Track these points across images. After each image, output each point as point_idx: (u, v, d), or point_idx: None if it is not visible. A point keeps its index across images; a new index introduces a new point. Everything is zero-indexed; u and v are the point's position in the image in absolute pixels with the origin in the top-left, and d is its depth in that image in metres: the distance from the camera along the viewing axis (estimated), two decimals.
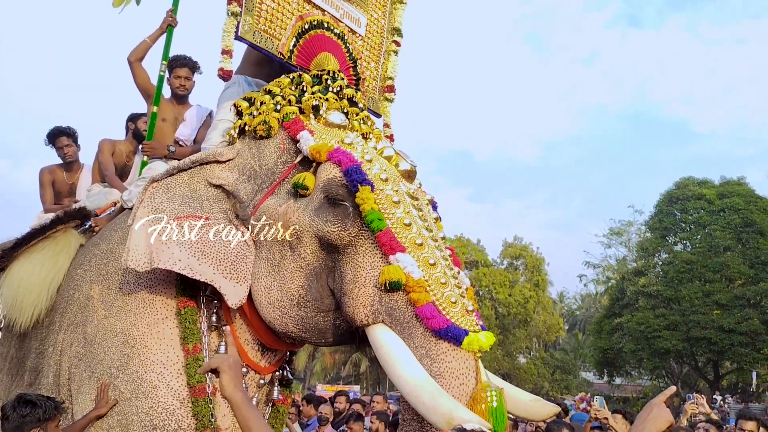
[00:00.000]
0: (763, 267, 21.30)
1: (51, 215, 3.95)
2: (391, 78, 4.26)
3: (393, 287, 2.73)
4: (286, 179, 3.20)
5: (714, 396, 16.77)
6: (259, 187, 3.25)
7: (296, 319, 3.05)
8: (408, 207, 2.99)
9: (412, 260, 2.78)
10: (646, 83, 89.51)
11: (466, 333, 2.66)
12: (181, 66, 4.25)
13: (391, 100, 4.28)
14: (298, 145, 3.20)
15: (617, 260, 29.61)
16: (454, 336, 2.64)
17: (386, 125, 4.22)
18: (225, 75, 3.56)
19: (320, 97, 3.35)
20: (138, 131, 4.62)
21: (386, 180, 2.99)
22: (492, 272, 28.79)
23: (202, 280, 3.00)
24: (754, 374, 21.28)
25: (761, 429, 4.66)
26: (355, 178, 2.92)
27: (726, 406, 15.12)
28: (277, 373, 3.52)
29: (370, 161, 3.06)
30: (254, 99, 3.40)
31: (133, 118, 4.75)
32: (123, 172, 4.50)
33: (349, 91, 3.50)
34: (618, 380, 27.82)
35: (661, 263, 24.10)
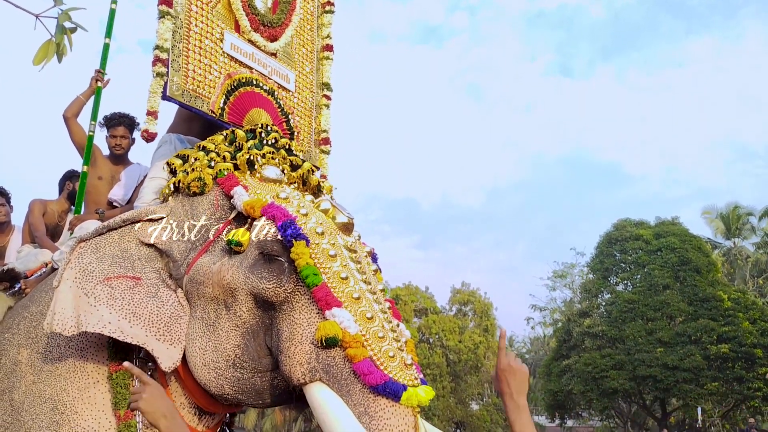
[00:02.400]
0: (701, 303, 21.92)
1: None
2: (325, 131, 4.30)
3: (329, 343, 2.68)
4: (221, 236, 3.14)
5: None
6: (193, 245, 3.18)
7: (232, 380, 2.95)
8: (345, 260, 2.95)
9: (349, 315, 2.73)
10: (581, 130, 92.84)
11: (405, 388, 2.61)
12: (117, 125, 4.21)
13: (327, 152, 4.31)
14: (232, 201, 3.15)
15: (564, 302, 30.08)
16: (392, 392, 2.59)
17: (323, 177, 4.24)
18: (149, 137, 3.49)
19: (255, 153, 3.33)
20: (74, 191, 4.54)
21: (322, 234, 2.96)
22: (441, 319, 28.83)
23: (134, 343, 2.89)
24: (699, 410, 21.67)
25: None
26: (289, 232, 2.88)
27: None
28: None
29: (305, 215, 3.03)
30: (188, 156, 3.36)
31: (71, 177, 4.63)
32: (55, 233, 4.39)
33: (283, 141, 3.51)
34: (569, 422, 27.91)
35: (604, 303, 24.54)
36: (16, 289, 3.76)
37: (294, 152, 3.52)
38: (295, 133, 3.96)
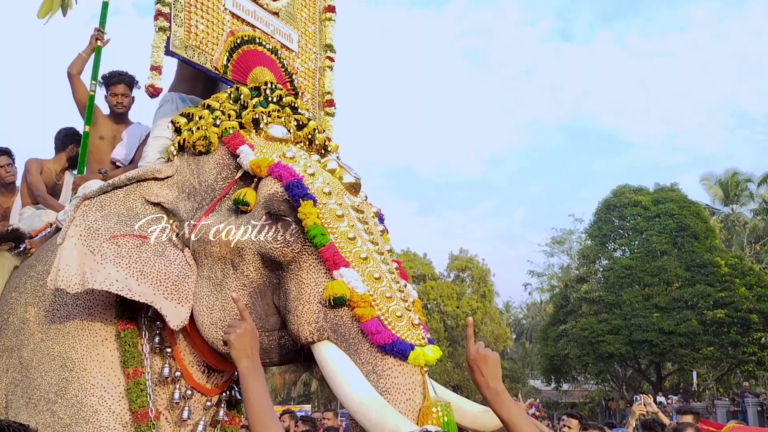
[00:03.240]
0: (699, 269, 22.07)
1: None
2: (329, 93, 4.22)
3: (337, 303, 2.67)
4: (227, 196, 3.11)
5: (657, 397, 17.19)
6: (199, 205, 3.16)
7: None
8: (352, 220, 2.92)
9: (357, 275, 2.72)
10: (581, 96, 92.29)
11: (412, 347, 2.60)
12: (117, 83, 4.12)
13: (332, 115, 4.22)
14: (238, 160, 3.11)
15: (561, 268, 30.26)
16: (399, 351, 2.58)
17: (328, 139, 4.19)
18: (154, 92, 3.43)
19: (261, 111, 3.28)
20: (76, 154, 4.48)
21: (329, 194, 2.92)
22: (439, 285, 28.97)
23: (141, 301, 2.89)
24: (694, 374, 21.97)
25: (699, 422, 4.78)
26: (296, 192, 2.85)
27: (670, 406, 15.52)
28: (224, 394, 3.42)
29: (312, 175, 2.98)
30: (192, 114, 3.31)
31: (73, 138, 4.58)
32: (53, 192, 4.31)
33: (288, 99, 3.44)
34: (565, 386, 28.30)
35: (601, 269, 24.69)
36: (21, 249, 3.74)
37: (299, 110, 3.47)
38: (299, 94, 3.88)
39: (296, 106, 3.46)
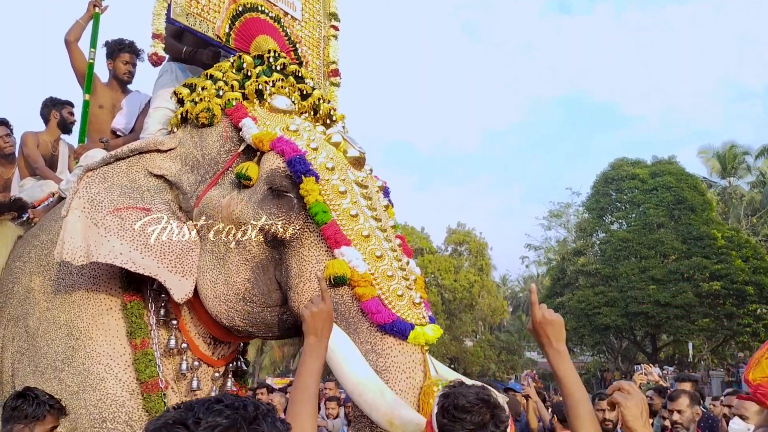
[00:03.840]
0: (695, 242, 22.16)
1: None
2: (334, 63, 4.13)
3: (338, 282, 2.65)
4: (230, 169, 3.07)
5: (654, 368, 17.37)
6: (202, 178, 3.13)
7: (243, 313, 2.96)
8: (355, 196, 2.89)
9: (358, 253, 2.70)
10: (579, 70, 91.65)
11: (412, 327, 2.59)
12: (126, 51, 4.08)
13: (337, 85, 4.13)
14: (240, 133, 3.07)
15: (558, 242, 30.36)
16: (399, 330, 2.58)
17: (333, 110, 4.12)
18: (158, 60, 3.38)
19: (264, 81, 3.22)
20: (64, 121, 4.44)
21: (332, 169, 2.88)
22: (437, 259, 29.04)
23: (146, 274, 2.89)
24: (690, 345, 22.18)
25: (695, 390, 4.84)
26: (298, 168, 2.81)
27: (666, 376, 15.70)
28: (231, 365, 3.42)
29: (315, 149, 2.94)
30: (195, 85, 3.24)
31: (54, 105, 4.50)
32: (50, 163, 4.32)
33: (292, 68, 3.38)
34: None
35: (598, 242, 24.77)
36: (24, 218, 3.74)
37: (304, 79, 3.40)
38: (303, 64, 3.79)
39: (301, 74, 3.40)
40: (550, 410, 5.57)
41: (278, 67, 3.33)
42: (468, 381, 1.98)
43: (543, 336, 1.96)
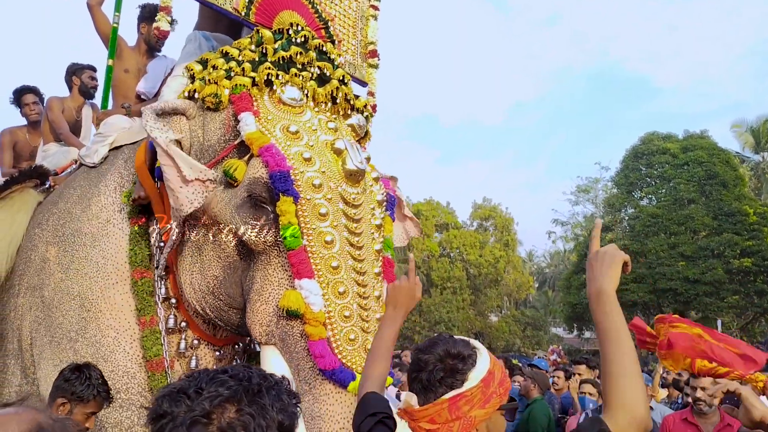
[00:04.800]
0: (726, 218, 21.73)
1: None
2: (372, 43, 3.92)
3: (290, 315, 2.59)
4: (224, 159, 2.95)
5: None
6: (199, 160, 3.01)
7: (212, 306, 2.95)
8: (337, 219, 2.76)
9: (318, 288, 2.61)
10: (608, 42, 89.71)
11: (353, 377, 2.51)
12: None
13: (375, 66, 3.92)
14: (238, 126, 2.94)
15: (585, 217, 30.02)
16: (339, 380, 2.51)
17: (371, 93, 3.89)
18: (160, 35, 3.29)
19: (273, 71, 3.00)
20: (84, 87, 4.43)
21: (319, 186, 2.74)
22: (462, 234, 28.97)
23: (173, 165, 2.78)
24: (719, 322, 21.83)
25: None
26: (278, 187, 2.69)
27: None
28: (238, 345, 3.37)
29: (308, 160, 2.78)
30: (208, 62, 3.12)
31: (75, 71, 4.50)
32: (74, 129, 4.32)
33: (315, 42, 3.17)
34: (587, 334, 28.38)
35: (627, 218, 24.44)
36: (47, 186, 3.75)
37: (328, 55, 3.19)
38: (336, 42, 3.59)
39: (325, 50, 3.19)
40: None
41: (299, 40, 3.14)
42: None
43: (589, 271, 1.66)
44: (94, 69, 4.47)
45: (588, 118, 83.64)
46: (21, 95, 4.57)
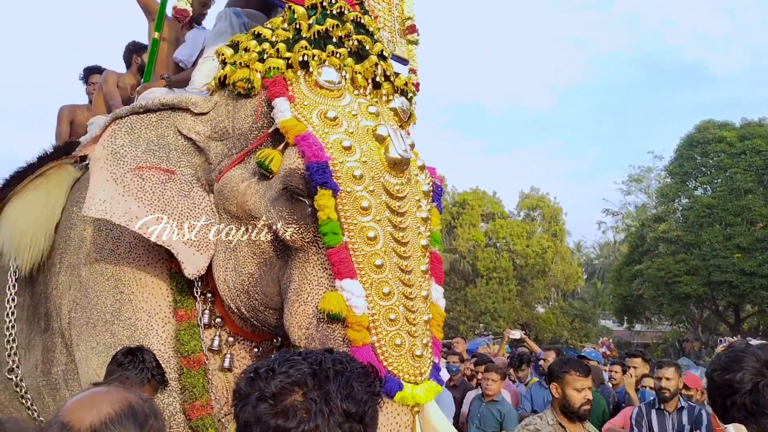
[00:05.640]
0: None
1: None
2: (410, 18, 3.75)
3: (331, 319, 2.40)
4: (257, 149, 2.77)
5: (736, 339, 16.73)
6: (229, 151, 2.88)
7: (247, 306, 2.80)
8: (380, 213, 2.56)
9: (360, 290, 2.42)
10: (662, 27, 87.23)
11: (400, 387, 2.33)
12: None
13: (415, 42, 3.70)
14: (272, 113, 2.74)
15: (636, 207, 29.40)
16: (385, 390, 2.31)
17: (413, 71, 3.66)
18: (178, 14, 3.12)
19: (309, 52, 2.81)
20: (143, 65, 4.33)
21: (360, 178, 2.54)
22: (509, 224, 28.69)
23: (158, 243, 2.75)
24: None
25: None
26: (315, 179, 2.49)
27: None
28: (276, 340, 3.18)
29: (348, 149, 2.58)
30: (239, 45, 2.93)
31: (136, 49, 4.49)
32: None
33: (352, 14, 2.96)
34: (638, 327, 27.87)
35: (681, 208, 23.84)
36: (86, 163, 3.57)
37: (366, 28, 2.99)
38: (373, 18, 3.39)
39: (363, 22, 3.00)
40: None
41: (334, 12, 2.93)
42: None
43: None
44: (138, 44, 4.46)
45: (639, 105, 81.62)
46: (90, 73, 4.61)
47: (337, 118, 2.68)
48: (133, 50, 4.51)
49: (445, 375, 6.17)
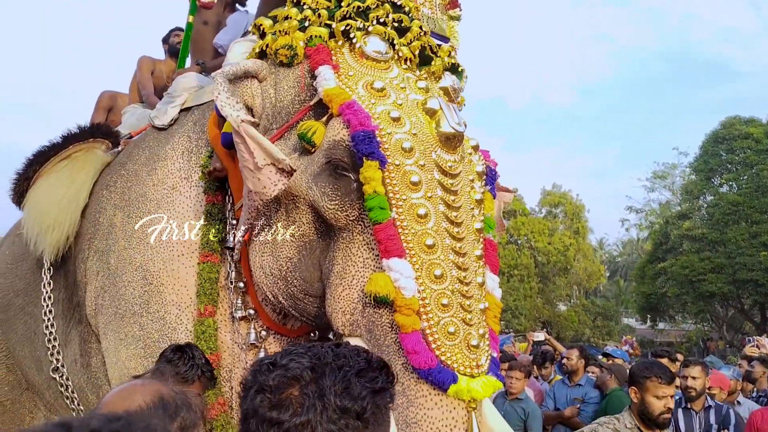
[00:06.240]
0: None
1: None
2: None
3: (378, 302, 2.20)
4: (299, 122, 2.60)
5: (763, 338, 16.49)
6: (270, 125, 2.70)
7: (285, 294, 2.61)
8: (432, 189, 2.35)
9: (410, 270, 2.22)
10: (685, 21, 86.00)
11: (454, 379, 2.12)
12: None
13: (457, 18, 3.29)
14: (315, 82, 2.55)
15: (660, 204, 29.09)
16: (437, 381, 2.12)
17: (453, 49, 3.29)
18: (203, 4, 3.08)
19: (357, 7, 2.62)
20: (174, 47, 4.28)
21: (410, 150, 2.34)
22: (530, 221, 28.53)
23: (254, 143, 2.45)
24: None
25: None
26: (361, 149, 2.29)
27: None
28: (313, 334, 3.02)
29: (396, 120, 2.39)
30: (278, 16, 2.75)
31: (166, 37, 4.44)
32: (161, 95, 4.02)
33: None
34: (661, 325, 27.59)
35: (706, 206, 23.56)
36: (118, 150, 3.59)
37: (402, 8, 2.78)
38: None
39: (399, 3, 2.75)
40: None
41: None
42: None
43: None
44: (181, 30, 4.27)
45: (663, 101, 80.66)
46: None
47: (385, 89, 2.50)
48: (166, 35, 4.42)
49: None
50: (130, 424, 0.64)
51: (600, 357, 6.77)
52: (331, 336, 2.93)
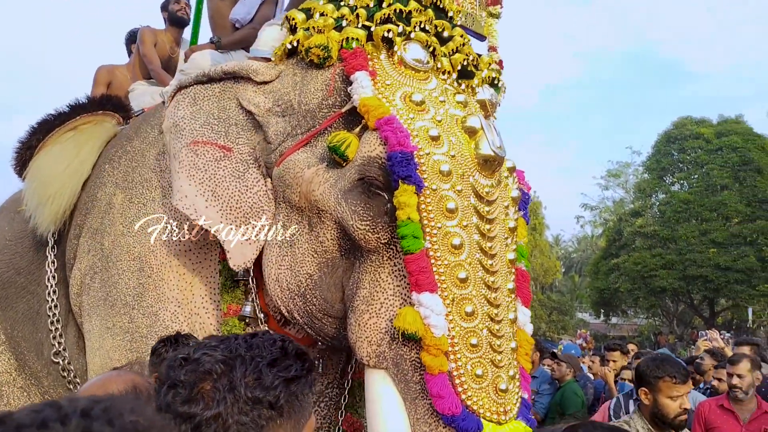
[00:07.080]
0: (760, 205, 21.34)
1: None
2: None
3: (406, 338, 2.10)
4: (327, 130, 2.43)
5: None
6: (293, 130, 2.51)
7: (302, 311, 2.45)
8: (468, 218, 2.22)
9: (441, 306, 2.10)
10: (644, 22, 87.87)
11: (479, 426, 2.04)
12: None
13: (497, 16, 3.13)
14: (350, 88, 2.36)
15: (614, 202, 29.70)
16: (461, 428, 2.03)
17: (492, 48, 3.17)
18: None
19: (398, 11, 2.43)
20: (173, 14, 4.06)
21: (448, 174, 2.20)
22: None
23: (204, 226, 2.44)
24: (750, 310, 21.56)
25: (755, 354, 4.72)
26: (399, 171, 2.14)
27: (725, 341, 15.38)
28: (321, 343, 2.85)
29: (435, 139, 2.23)
30: (312, 10, 2.55)
31: (164, 6, 4.17)
32: (168, 67, 3.95)
33: None
34: (614, 320, 28.18)
35: (658, 203, 24.13)
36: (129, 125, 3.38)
37: (446, 12, 2.62)
38: None
39: (442, 5, 2.60)
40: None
41: None
42: None
43: None
44: None
45: (620, 101, 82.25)
46: (133, 38, 4.18)
47: (424, 102, 2.33)
48: (163, 7, 4.18)
49: None
50: (115, 404, 0.65)
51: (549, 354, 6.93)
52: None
